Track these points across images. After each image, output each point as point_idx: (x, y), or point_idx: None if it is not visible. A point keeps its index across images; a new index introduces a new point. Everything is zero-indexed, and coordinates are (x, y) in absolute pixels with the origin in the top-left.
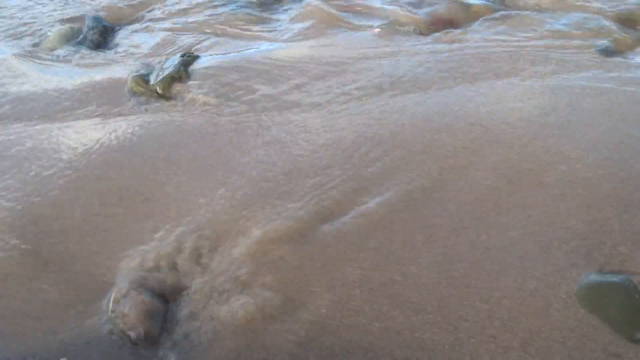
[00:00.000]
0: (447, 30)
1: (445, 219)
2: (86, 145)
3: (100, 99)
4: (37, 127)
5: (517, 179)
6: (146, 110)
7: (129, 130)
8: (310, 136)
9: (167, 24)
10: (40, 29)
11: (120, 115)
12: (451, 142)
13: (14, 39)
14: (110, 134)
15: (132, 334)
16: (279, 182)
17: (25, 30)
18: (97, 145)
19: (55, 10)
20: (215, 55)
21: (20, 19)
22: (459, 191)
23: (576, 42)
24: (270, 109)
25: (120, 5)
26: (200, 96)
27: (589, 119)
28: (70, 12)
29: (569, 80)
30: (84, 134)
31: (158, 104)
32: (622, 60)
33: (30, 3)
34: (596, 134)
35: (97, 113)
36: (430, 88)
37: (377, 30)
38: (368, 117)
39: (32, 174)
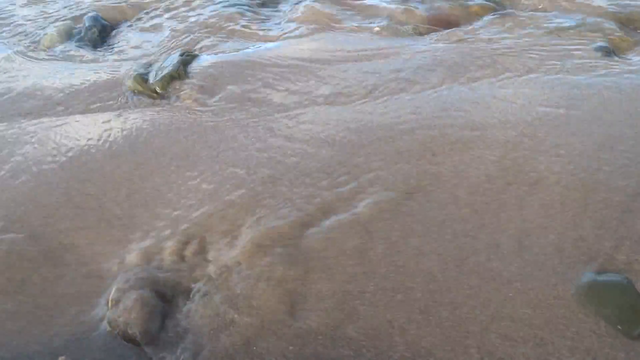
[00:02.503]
0: (446, 29)
1: (439, 220)
2: (81, 142)
3: (98, 98)
4: (33, 124)
5: (514, 179)
6: (143, 109)
7: (125, 128)
8: (302, 136)
9: (166, 23)
10: (39, 28)
11: (117, 113)
12: (446, 142)
13: (13, 38)
14: (106, 131)
15: (131, 332)
16: (269, 182)
17: (24, 29)
18: (93, 142)
19: (54, 9)
20: (215, 55)
21: (19, 17)
22: (454, 191)
23: (574, 42)
24: (264, 109)
25: (119, 4)
26: (197, 95)
27: (588, 119)
28: (69, 11)
29: (567, 80)
30: (80, 132)
31: (156, 103)
32: (621, 60)
33: (29, 2)
34: (594, 134)
35: (94, 111)
36: (427, 88)
37: (377, 29)
38: (362, 116)
39: (27, 170)
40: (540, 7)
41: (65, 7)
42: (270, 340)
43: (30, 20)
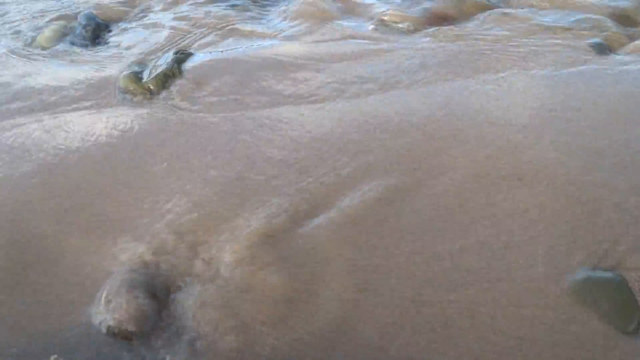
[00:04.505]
0: (441, 27)
1: (432, 215)
2: (72, 140)
3: (92, 96)
4: (24, 123)
5: (506, 175)
6: (137, 107)
7: (117, 127)
8: (294, 134)
9: (161, 22)
10: (34, 26)
11: (110, 111)
12: (438, 138)
13: (7, 36)
14: (97, 130)
15: (125, 330)
16: (262, 179)
17: (19, 28)
18: (84, 141)
19: (48, 7)
20: (209, 53)
21: (12, 15)
22: (446, 187)
23: (570, 39)
24: (258, 107)
25: (114, 2)
26: (191, 94)
27: (582, 116)
28: (64, 9)
29: (561, 77)
30: (71, 131)
31: (150, 101)
32: (615, 56)
33: (23, 0)
34: (589, 132)
35: (86, 110)
36: (422, 85)
37: (372, 27)
38: (354, 114)
39: (14, 169)
40: (535, 4)
41: (60, 6)
42: (267, 337)
43: (24, 18)
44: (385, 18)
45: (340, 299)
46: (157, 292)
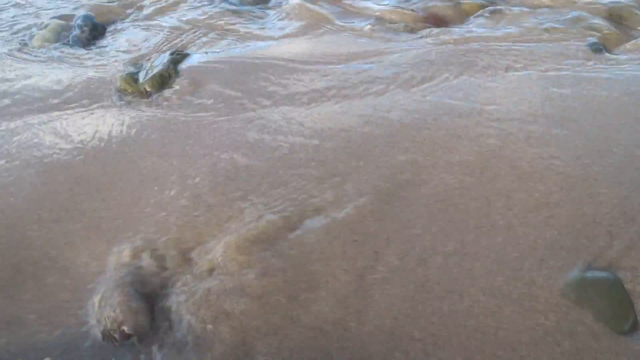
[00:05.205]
0: (438, 27)
1: (428, 216)
2: (68, 142)
3: (88, 97)
4: (17, 125)
5: (504, 175)
6: (132, 108)
7: (113, 129)
8: (290, 135)
9: (157, 22)
10: (30, 27)
11: (106, 113)
12: (434, 139)
13: (3, 37)
14: (93, 132)
15: (118, 333)
16: (255, 182)
17: (14, 29)
18: (79, 143)
19: (44, 8)
20: (205, 54)
21: (8, 17)
22: (441, 187)
23: (566, 38)
24: (255, 108)
25: (110, 3)
26: (187, 95)
27: (580, 116)
28: (60, 10)
29: (558, 77)
30: (68, 132)
31: (145, 102)
32: (611, 56)
33: (19, 1)
34: (587, 131)
35: (83, 111)
36: (417, 86)
37: (368, 27)
38: (352, 115)
39: (10, 171)
40: (532, 4)
41: (56, 7)
42: (262, 338)
43: (20, 19)
44: (382, 18)
45: (336, 301)
46: (152, 293)
